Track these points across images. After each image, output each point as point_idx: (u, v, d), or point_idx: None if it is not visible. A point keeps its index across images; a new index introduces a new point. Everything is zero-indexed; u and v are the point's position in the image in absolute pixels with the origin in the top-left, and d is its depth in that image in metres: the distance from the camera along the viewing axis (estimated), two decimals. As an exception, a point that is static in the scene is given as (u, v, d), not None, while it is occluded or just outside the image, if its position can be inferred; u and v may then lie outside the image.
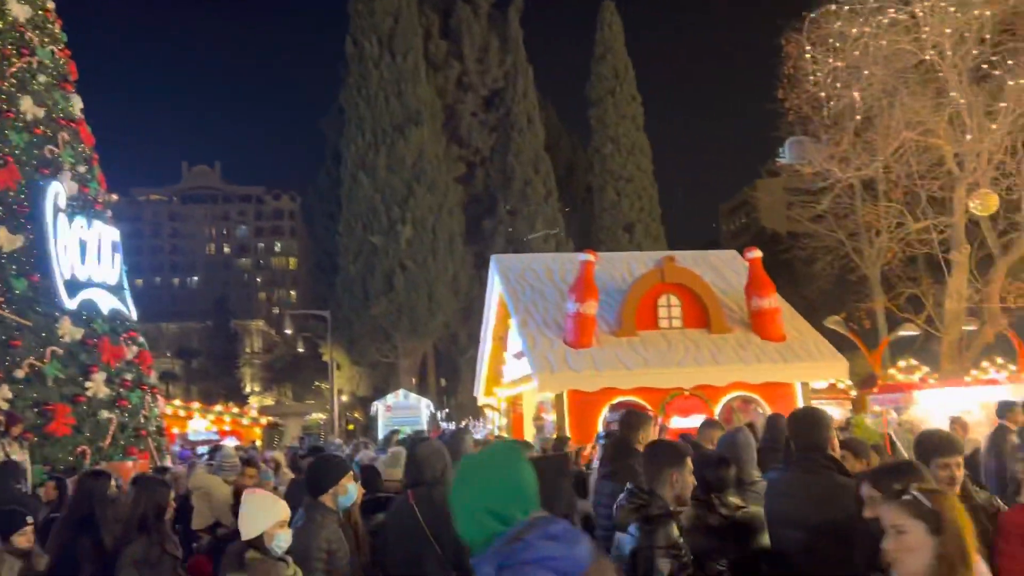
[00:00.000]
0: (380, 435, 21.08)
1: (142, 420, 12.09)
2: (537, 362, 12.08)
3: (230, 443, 15.04)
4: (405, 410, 24.35)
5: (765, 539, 4.11)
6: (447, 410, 39.52)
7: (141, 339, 13.16)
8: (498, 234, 35.55)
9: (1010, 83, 14.02)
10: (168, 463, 11.62)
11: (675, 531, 3.69)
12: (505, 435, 14.13)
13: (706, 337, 12.55)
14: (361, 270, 33.08)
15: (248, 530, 3.68)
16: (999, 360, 17.78)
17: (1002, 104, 14.44)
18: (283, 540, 3.68)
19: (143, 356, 12.90)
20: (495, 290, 15.06)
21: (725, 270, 14.32)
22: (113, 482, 5.64)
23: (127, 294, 13.13)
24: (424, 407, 25.18)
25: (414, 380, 36.12)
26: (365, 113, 33.57)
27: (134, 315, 13.19)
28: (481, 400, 16.69)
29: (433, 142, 34.60)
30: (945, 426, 10.14)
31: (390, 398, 25.62)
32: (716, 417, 11.79)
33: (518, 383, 13.92)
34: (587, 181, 41.35)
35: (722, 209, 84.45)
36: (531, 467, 2.26)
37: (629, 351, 12.28)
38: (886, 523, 2.35)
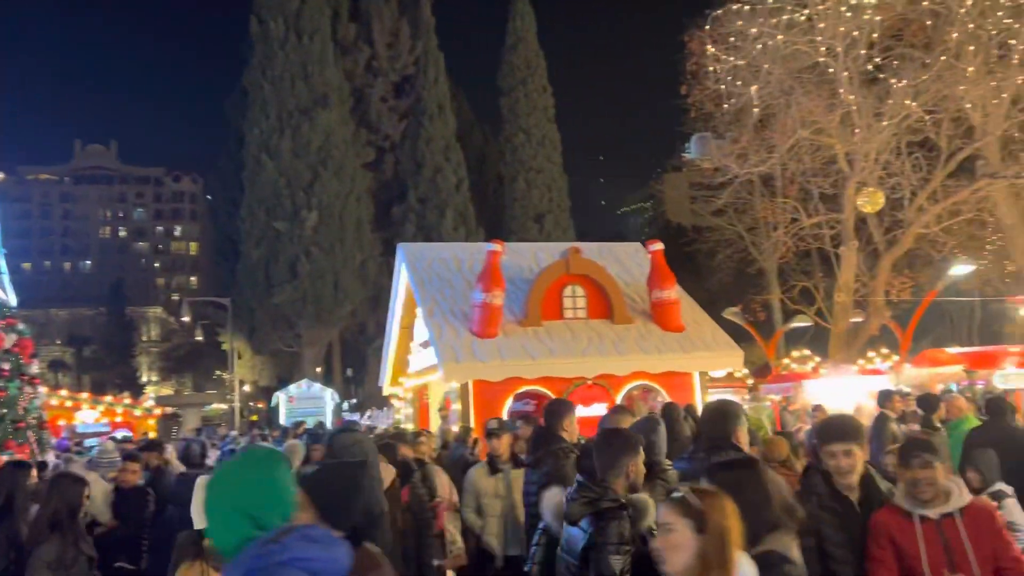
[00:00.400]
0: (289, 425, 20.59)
1: (21, 412, 11.41)
2: (443, 352, 12.00)
3: (119, 435, 14.40)
4: (309, 400, 23.86)
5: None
6: (354, 400, 38.99)
7: (21, 326, 12.40)
8: (408, 222, 35.18)
9: (897, 86, 14.73)
10: (50, 457, 11.02)
11: (627, 525, 3.59)
12: (411, 426, 14.01)
13: (609, 327, 12.75)
14: (264, 256, 32.18)
15: (202, 519, 3.56)
16: (884, 351, 18.78)
17: (890, 101, 15.16)
18: None
19: (23, 344, 12.16)
20: (402, 279, 14.88)
21: (629, 262, 14.56)
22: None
23: (5, 278, 12.35)
24: (329, 397, 24.73)
25: (319, 370, 35.43)
26: (270, 95, 32.60)
27: (13, 300, 12.42)
28: (387, 390, 16.50)
29: (341, 126, 33.90)
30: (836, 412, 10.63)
31: (292, 388, 25.06)
32: (618, 404, 12.02)
33: (424, 373, 13.81)
34: (498, 171, 41.39)
35: (629, 202, 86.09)
36: (289, 473, 2.24)
37: (534, 341, 12.34)
38: (659, 521, 2.39)
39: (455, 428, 10.97)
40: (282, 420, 22.92)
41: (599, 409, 12.03)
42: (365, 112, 38.28)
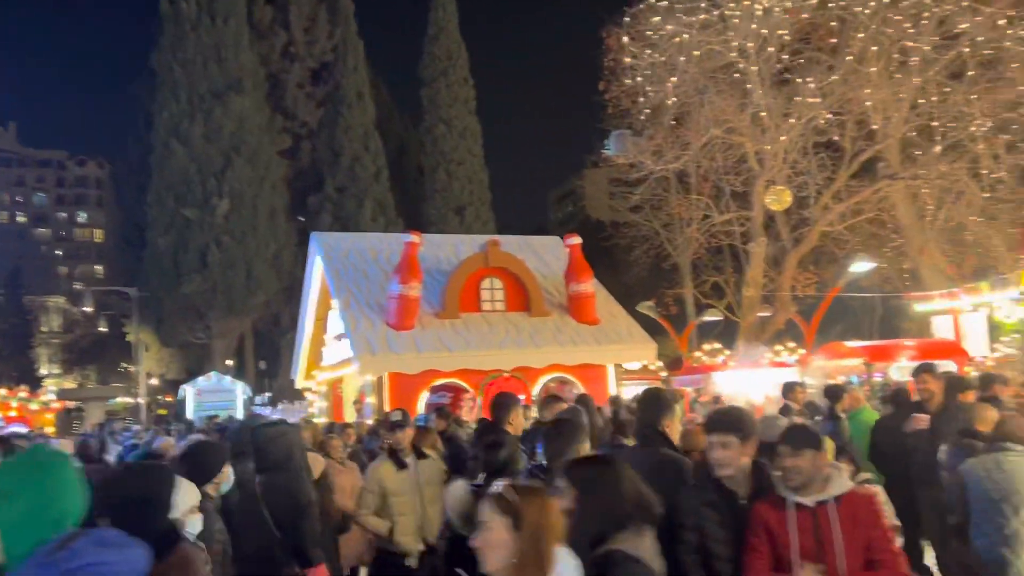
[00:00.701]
0: (194, 421, 19.93)
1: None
2: (358, 344, 11.84)
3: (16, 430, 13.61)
4: (218, 394, 23.15)
5: None
6: (269, 394, 38.07)
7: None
8: (324, 211, 34.50)
9: (805, 87, 15.24)
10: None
11: None
12: (324, 419, 13.77)
13: (526, 320, 12.82)
14: (172, 245, 31.04)
15: None
16: (790, 344, 19.46)
17: (798, 98, 15.67)
18: (196, 526, 3.39)
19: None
20: (316, 269, 14.60)
21: (547, 255, 14.68)
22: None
23: None
24: (240, 391, 24.06)
25: (230, 363, 34.45)
26: (181, 78, 31.41)
27: None
28: (299, 383, 16.17)
29: (255, 112, 32.95)
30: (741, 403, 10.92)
31: (201, 381, 24.27)
32: (535, 397, 12.10)
33: (338, 366, 13.59)
34: (419, 162, 41.03)
35: (551, 196, 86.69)
36: (75, 473, 2.16)
37: (451, 333, 12.30)
38: (478, 518, 2.29)
39: (369, 422, 10.81)
40: (189, 414, 22.17)
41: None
42: (281, 98, 37.33)
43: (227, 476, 4.06)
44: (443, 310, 12.62)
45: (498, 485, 2.31)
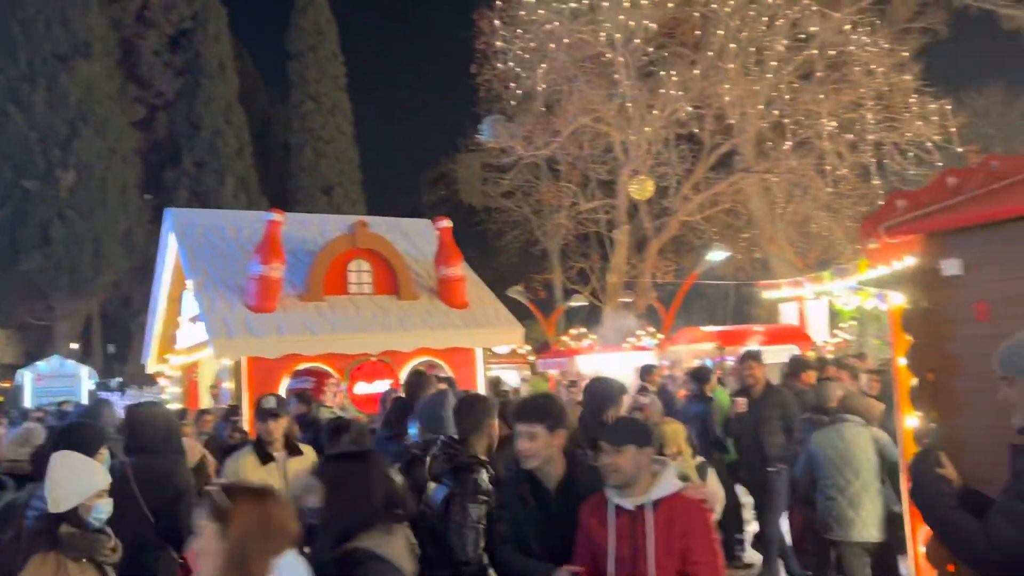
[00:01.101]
0: (32, 407, 18.47)
1: None
2: (214, 326, 11.26)
3: None
4: (60, 379, 21.57)
5: None
6: (120, 379, 35.82)
7: None
8: (181, 187, 32.74)
9: (669, 80, 15.76)
10: None
11: (485, 478, 3.89)
12: (177, 405, 13.07)
13: (395, 303, 12.61)
14: (10, 218, 28.59)
15: (60, 502, 3.07)
16: (650, 329, 20.19)
17: (661, 91, 16.19)
18: (103, 511, 3.13)
19: None
20: (170, 247, 13.78)
21: (417, 238, 14.48)
22: None
23: None
24: (85, 376, 22.51)
25: (75, 346, 32.22)
26: (19, 38, 28.86)
27: None
28: (151, 368, 15.28)
29: (105, 80, 30.75)
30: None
31: (42, 365, 22.53)
32: (401, 383, 11.96)
33: (193, 350, 12.91)
34: (284, 138, 39.62)
35: (424, 179, 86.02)
36: None
37: (316, 316, 11.94)
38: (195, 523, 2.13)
39: (224, 408, 10.34)
40: (27, 402, 20.54)
41: (383, 386, 11.89)
42: (135, 66, 35.02)
43: (103, 458, 3.87)
44: (307, 292, 12.22)
45: (213, 486, 2.14)
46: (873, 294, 16.10)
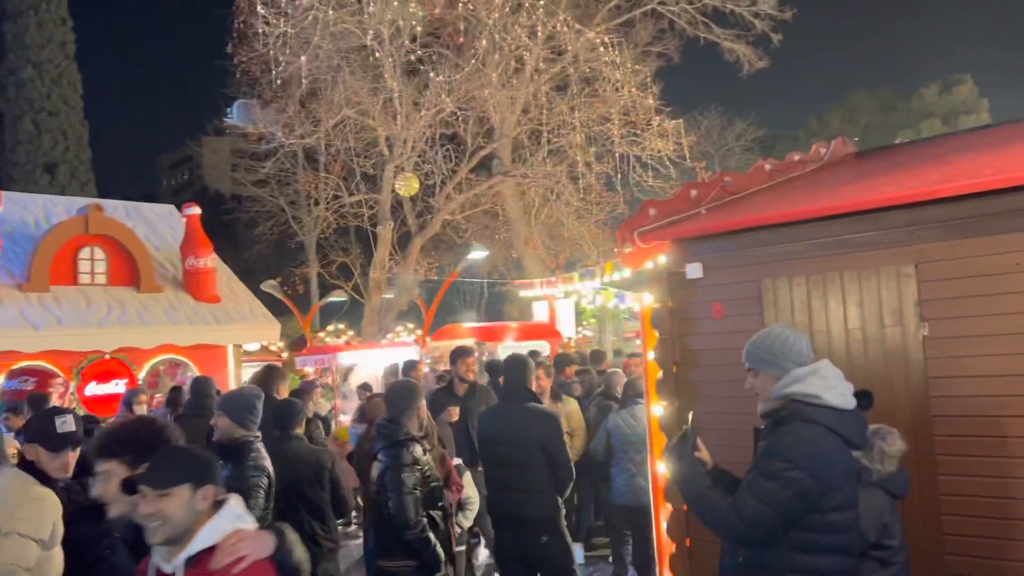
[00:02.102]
0: None
1: None
2: (-96, 320, 9.64)
3: None
4: None
5: None
6: None
7: None
8: None
9: (434, 80, 15.92)
10: None
11: (418, 450, 4.55)
12: None
13: (134, 296, 11.56)
14: None
15: None
16: (410, 325, 20.30)
17: (427, 89, 16.32)
18: None
19: None
20: None
21: (161, 225, 13.40)
22: None
23: None
24: None
25: None
26: None
27: None
28: None
29: None
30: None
31: None
32: (140, 382, 11.00)
33: None
34: (-2, 107, 34.78)
35: (164, 162, 79.66)
36: None
37: (38, 309, 10.62)
38: None
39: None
40: None
41: (119, 386, 10.88)
42: None
43: None
44: (29, 282, 10.86)
45: None
46: (615, 294, 17.45)
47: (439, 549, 4.46)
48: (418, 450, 4.55)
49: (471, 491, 6.00)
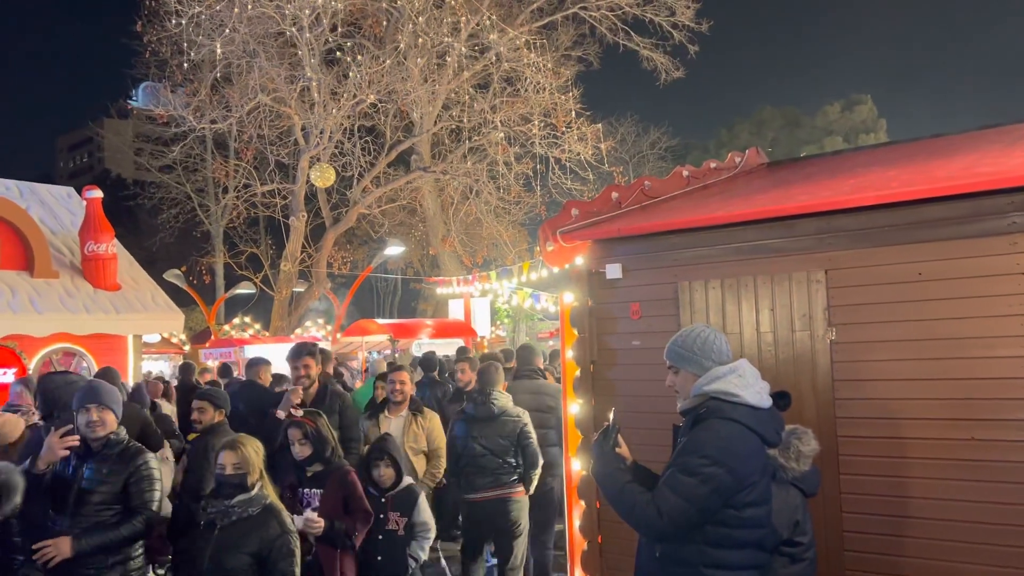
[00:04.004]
0: None
1: None
2: None
3: None
4: None
5: None
6: None
7: None
8: None
9: (353, 71, 15.64)
10: None
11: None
12: None
13: (26, 281, 10.92)
14: None
15: None
16: (320, 320, 19.90)
17: (346, 79, 16.02)
18: None
19: None
20: None
21: (58, 208, 12.72)
22: None
23: None
24: None
25: None
26: None
27: None
28: None
29: None
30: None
31: None
32: (31, 372, 10.41)
33: None
34: None
35: (61, 143, 75.82)
36: None
37: (-84, 292, 9.92)
38: None
39: None
40: None
41: (6, 376, 10.28)
42: None
43: None
44: (-93, 263, 10.13)
45: None
46: (530, 294, 17.56)
47: None
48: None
49: (426, 516, 5.18)
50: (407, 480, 5.17)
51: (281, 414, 5.44)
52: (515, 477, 5.93)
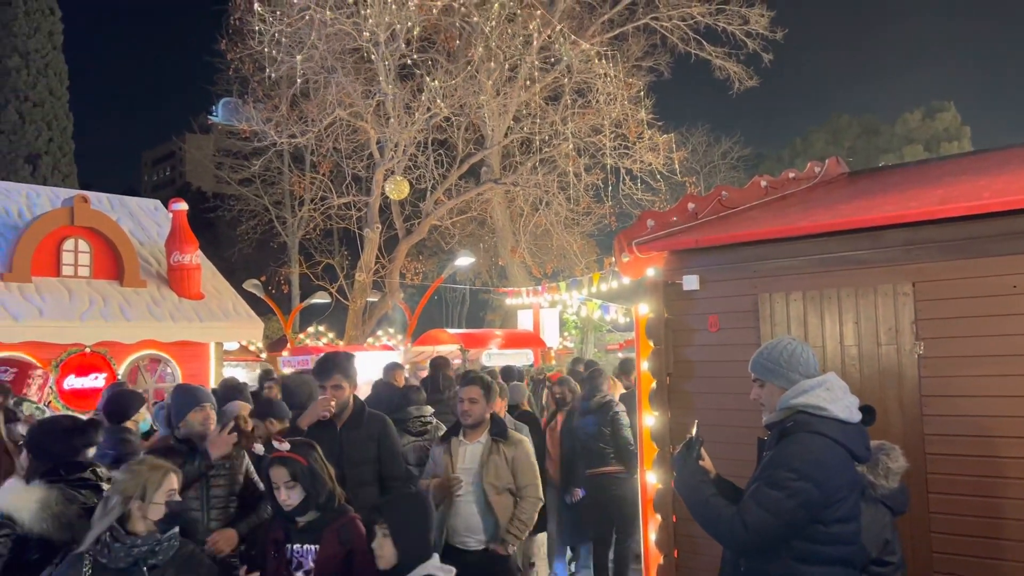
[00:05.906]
0: None
1: None
2: None
3: None
4: None
5: None
6: None
7: None
8: None
9: (429, 85, 15.91)
10: None
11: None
12: None
13: (116, 290, 11.44)
14: None
15: None
16: (390, 329, 20.22)
17: (420, 94, 16.30)
18: None
19: None
20: None
21: (146, 220, 13.29)
22: None
23: None
24: None
25: None
26: None
27: None
28: None
29: None
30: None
31: None
32: (121, 377, 10.86)
33: None
34: (-19, 95, 34.28)
35: (146, 157, 79.02)
36: None
37: (19, 299, 10.48)
38: None
39: None
40: None
41: (98, 380, 10.75)
42: None
43: None
44: (10, 271, 10.71)
45: None
46: (599, 306, 17.48)
47: None
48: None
49: None
50: (426, 570, 3.26)
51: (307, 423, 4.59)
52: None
